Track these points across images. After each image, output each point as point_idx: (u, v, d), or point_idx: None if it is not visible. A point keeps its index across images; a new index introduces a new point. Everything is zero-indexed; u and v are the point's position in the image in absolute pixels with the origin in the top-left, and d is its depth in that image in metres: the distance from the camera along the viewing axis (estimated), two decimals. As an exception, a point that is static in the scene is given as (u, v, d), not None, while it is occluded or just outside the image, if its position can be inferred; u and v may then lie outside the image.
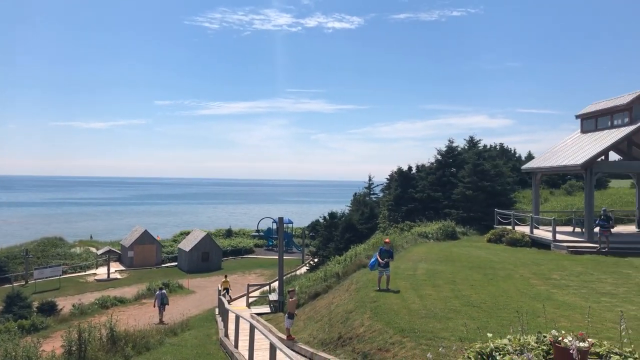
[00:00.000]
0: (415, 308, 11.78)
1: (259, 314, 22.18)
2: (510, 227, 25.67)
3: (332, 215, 44.47)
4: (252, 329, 11.86)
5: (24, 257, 45.36)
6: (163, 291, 27.96)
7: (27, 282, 42.52)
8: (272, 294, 25.95)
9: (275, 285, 27.42)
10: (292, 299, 14.98)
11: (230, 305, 26.71)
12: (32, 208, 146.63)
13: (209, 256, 49.38)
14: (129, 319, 24.10)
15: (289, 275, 38.75)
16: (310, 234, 60.54)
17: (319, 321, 15.01)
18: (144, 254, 50.73)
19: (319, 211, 60.16)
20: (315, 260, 41.46)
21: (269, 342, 9.49)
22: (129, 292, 36.66)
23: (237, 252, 57.50)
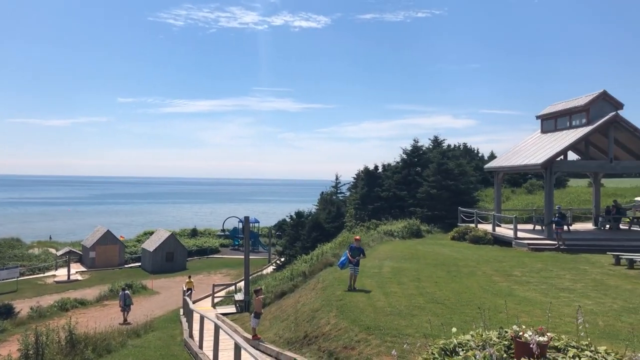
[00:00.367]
0: (380, 306, 11.85)
1: (224, 314, 21.95)
2: (473, 225, 26.14)
3: (299, 215, 44.43)
4: (217, 329, 11.70)
5: (-22, 258, 43.61)
6: (126, 292, 27.41)
7: (-19, 285, 40.88)
8: (238, 294, 25.73)
9: (241, 284, 27.19)
10: (258, 298, 14.86)
11: (195, 305, 26.37)
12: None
13: (174, 256, 48.63)
14: (89, 321, 23.48)
15: (255, 274, 38.51)
16: (277, 233, 60.34)
17: (285, 320, 14.95)
18: (106, 254, 49.53)
19: (286, 210, 60.03)
20: (282, 259, 41.34)
21: (234, 342, 9.37)
22: (90, 293, 35.72)
23: (202, 252, 56.81)
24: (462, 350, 5.83)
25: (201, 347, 14.50)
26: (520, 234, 22.64)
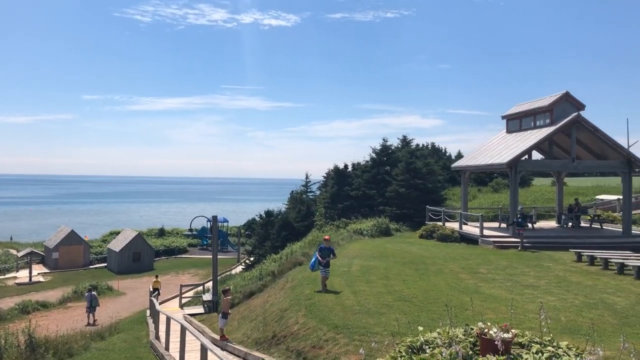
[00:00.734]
0: (349, 304, 11.86)
1: (192, 315, 21.65)
2: (440, 224, 26.48)
3: (269, 214, 44.22)
4: (184, 330, 11.51)
5: None
6: (93, 292, 26.84)
7: (-63, 288, 39.30)
8: (206, 294, 25.41)
9: (210, 285, 26.87)
10: (226, 298, 14.69)
11: (162, 306, 25.92)
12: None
13: (141, 256, 47.81)
14: (51, 324, 22.84)
15: (224, 274, 38.16)
16: (246, 233, 59.95)
17: (254, 320, 14.82)
18: (70, 255, 48.29)
19: (256, 209, 59.69)
20: (251, 259, 41.07)
21: (200, 343, 9.22)
22: (53, 295, 34.76)
23: (170, 251, 56.03)
24: (429, 347, 5.86)
25: (167, 348, 14.25)
26: (486, 232, 23.03)
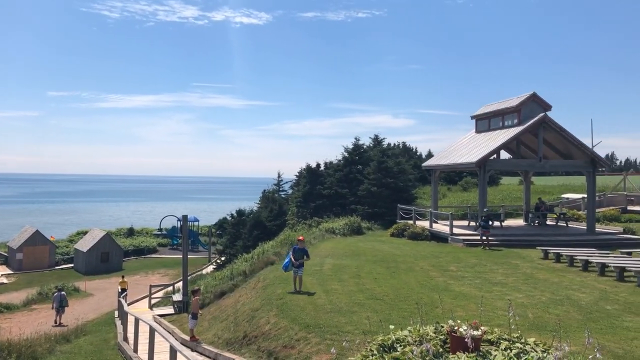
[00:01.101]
0: (321, 303, 11.85)
1: (162, 316, 21.29)
2: (411, 222, 26.73)
3: (240, 213, 43.98)
4: (152, 331, 11.30)
5: None
6: (62, 292, 26.24)
7: None
8: (176, 294, 25.05)
9: (180, 285, 26.51)
10: (196, 299, 14.51)
11: (131, 307, 25.44)
12: None
13: (109, 256, 46.90)
14: (14, 327, 22.18)
15: (194, 274, 37.73)
16: (217, 232, 59.46)
17: (225, 320, 14.67)
18: (35, 255, 46.98)
19: (227, 208, 59.27)
20: (222, 258, 40.77)
21: (169, 344, 9.07)
22: (17, 297, 33.77)
23: (139, 251, 55.14)
24: (400, 346, 5.87)
25: (136, 350, 13.98)
26: (455, 230, 23.33)
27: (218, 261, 41.36)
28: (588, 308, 11.08)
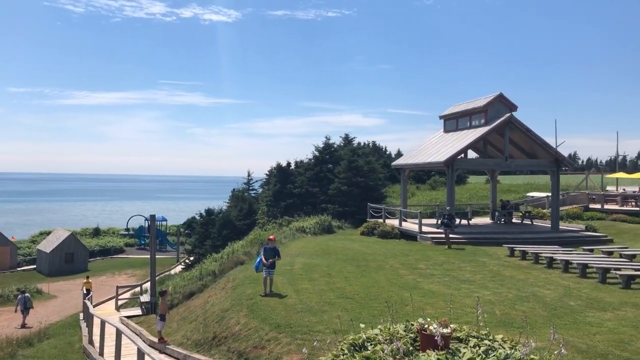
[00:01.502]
0: (291, 303, 11.80)
1: (129, 317, 20.89)
2: (381, 221, 26.93)
3: (209, 212, 43.49)
4: (119, 333, 11.06)
5: None
6: (26, 294, 25.46)
7: None
8: (144, 295, 24.61)
9: (147, 285, 26.05)
10: (163, 298, 14.28)
11: (97, 309, 24.87)
12: None
13: (74, 257, 45.74)
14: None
15: (162, 274, 37.13)
16: (186, 232, 58.73)
17: (194, 321, 14.48)
18: (-6, 257, 45.43)
19: (196, 208, 58.50)
20: (191, 258, 40.27)
21: (137, 347, 8.89)
22: (-25, 300, 32.54)
23: (106, 252, 53.96)
24: (371, 345, 5.88)
25: (102, 353, 13.66)
26: (424, 229, 23.61)
27: (187, 261, 40.83)
28: (553, 304, 11.35)
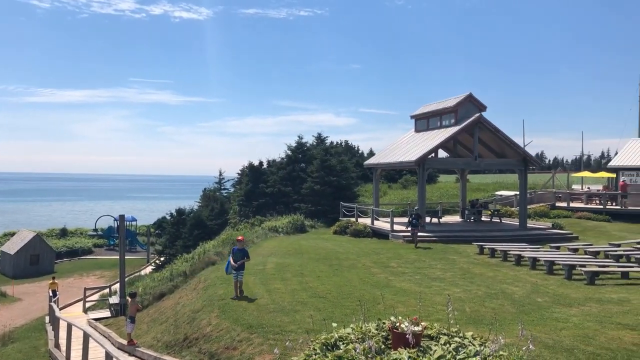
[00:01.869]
0: (263, 303, 11.74)
1: (97, 319, 20.48)
2: (354, 220, 27.04)
3: (180, 212, 42.99)
4: (86, 337, 10.83)
5: None
6: None
7: None
8: (113, 297, 24.17)
9: (117, 287, 25.58)
10: (132, 299, 14.04)
11: (64, 311, 24.31)
12: None
13: (39, 259, 44.57)
14: None
15: (132, 275, 36.54)
16: (156, 232, 57.93)
17: (164, 323, 14.28)
18: (-45, 259, 43.95)
19: (166, 207, 57.81)
20: (162, 259, 39.73)
21: (104, 350, 8.71)
22: None
23: (73, 253, 52.74)
24: (343, 344, 5.88)
25: (69, 357, 13.36)
26: (396, 227, 23.81)
27: (157, 262, 40.27)
28: (521, 301, 11.58)
